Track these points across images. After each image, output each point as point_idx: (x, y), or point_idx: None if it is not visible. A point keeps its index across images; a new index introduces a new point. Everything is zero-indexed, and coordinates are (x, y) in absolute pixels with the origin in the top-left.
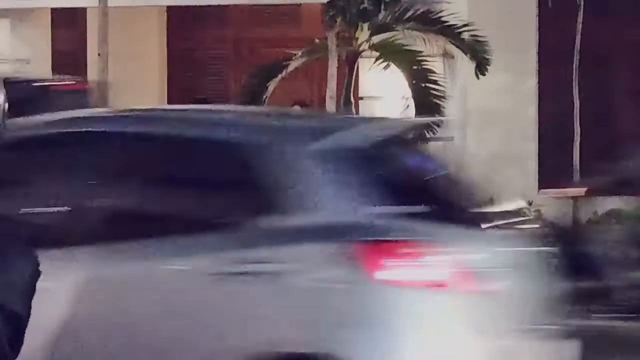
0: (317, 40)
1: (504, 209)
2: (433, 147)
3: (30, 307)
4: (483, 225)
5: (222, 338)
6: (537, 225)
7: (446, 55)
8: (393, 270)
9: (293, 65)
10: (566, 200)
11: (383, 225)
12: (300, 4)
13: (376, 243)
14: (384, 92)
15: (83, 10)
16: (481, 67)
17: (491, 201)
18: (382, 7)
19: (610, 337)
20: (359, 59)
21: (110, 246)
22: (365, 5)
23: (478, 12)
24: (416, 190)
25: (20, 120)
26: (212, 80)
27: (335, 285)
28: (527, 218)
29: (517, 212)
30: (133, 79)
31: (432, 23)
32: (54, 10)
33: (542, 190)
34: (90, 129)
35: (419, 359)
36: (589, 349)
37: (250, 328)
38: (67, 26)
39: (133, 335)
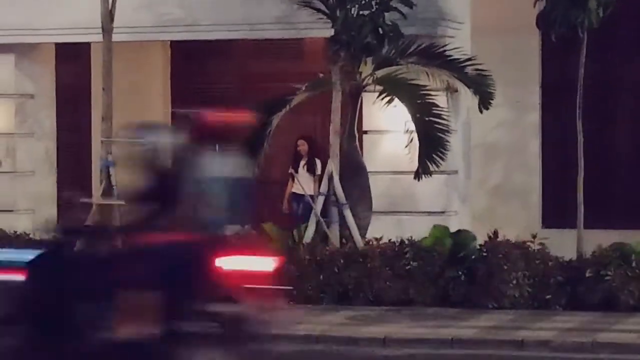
0: (320, 75)
1: None
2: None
3: None
4: None
5: None
6: None
7: (450, 89)
8: None
9: (297, 99)
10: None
11: None
12: (303, 38)
13: None
14: (387, 126)
15: (87, 45)
16: (485, 101)
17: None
18: (386, 41)
19: None
20: (363, 93)
21: None
22: (369, 39)
23: (481, 47)
24: None
25: None
26: None
27: None
28: None
29: None
30: (137, 114)
31: (435, 57)
32: (58, 46)
33: None
34: None
35: None
36: None
37: None
38: (72, 61)
39: None
